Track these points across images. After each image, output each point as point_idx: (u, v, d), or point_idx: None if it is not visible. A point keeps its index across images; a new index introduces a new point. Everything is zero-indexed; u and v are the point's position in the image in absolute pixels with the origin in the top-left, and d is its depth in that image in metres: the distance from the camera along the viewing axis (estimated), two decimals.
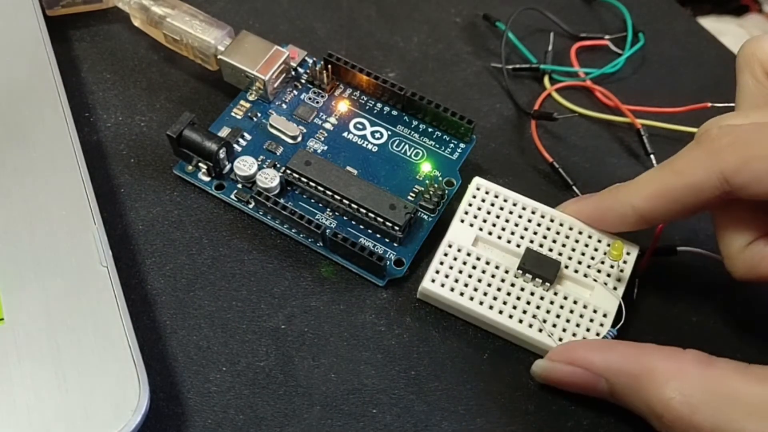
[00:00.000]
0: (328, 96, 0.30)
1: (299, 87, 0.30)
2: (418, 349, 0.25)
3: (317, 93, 0.30)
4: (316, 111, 0.29)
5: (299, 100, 0.30)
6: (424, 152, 0.28)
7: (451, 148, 0.29)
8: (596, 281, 0.25)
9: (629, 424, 0.24)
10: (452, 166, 0.28)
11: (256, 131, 0.29)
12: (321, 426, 0.23)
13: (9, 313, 0.23)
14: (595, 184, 0.29)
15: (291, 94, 0.30)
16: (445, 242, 0.25)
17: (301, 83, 0.30)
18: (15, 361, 0.22)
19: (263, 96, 0.29)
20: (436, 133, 0.29)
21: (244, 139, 0.28)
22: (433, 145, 0.29)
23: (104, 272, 0.24)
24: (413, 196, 0.27)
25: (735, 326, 0.26)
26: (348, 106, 0.30)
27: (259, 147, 0.28)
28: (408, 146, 0.29)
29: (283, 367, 0.24)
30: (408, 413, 0.23)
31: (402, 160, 0.28)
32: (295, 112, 0.29)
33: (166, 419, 0.23)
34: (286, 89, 0.30)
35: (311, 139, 0.29)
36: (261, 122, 0.29)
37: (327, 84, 0.30)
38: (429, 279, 0.25)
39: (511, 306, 0.24)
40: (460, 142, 0.29)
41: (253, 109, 0.29)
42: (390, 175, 0.28)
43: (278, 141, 0.28)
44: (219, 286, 0.26)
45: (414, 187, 0.28)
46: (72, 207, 0.25)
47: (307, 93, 0.30)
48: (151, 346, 0.24)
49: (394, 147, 0.29)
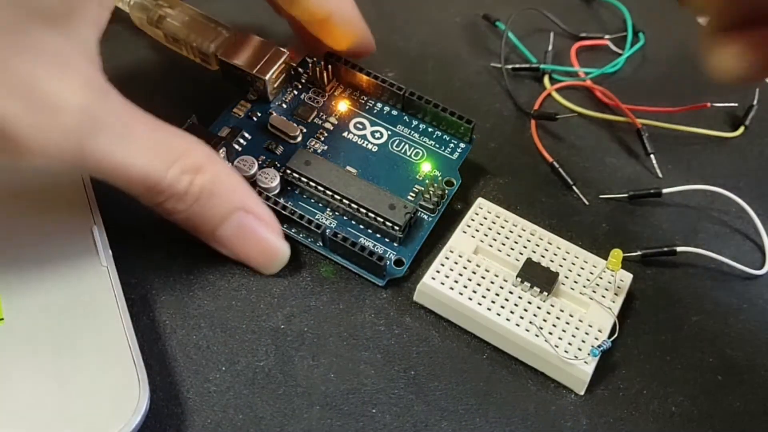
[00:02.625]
0: (327, 96, 0.30)
1: (299, 87, 0.30)
2: (417, 349, 0.25)
3: (317, 93, 0.30)
4: (316, 111, 0.29)
5: (299, 100, 0.30)
6: (424, 152, 0.28)
7: (451, 148, 0.29)
8: (592, 299, 0.25)
9: (629, 424, 0.24)
10: (452, 166, 0.28)
11: (256, 131, 0.29)
12: (320, 426, 0.23)
13: (9, 313, 0.23)
14: (595, 184, 0.29)
15: (291, 93, 0.30)
16: (447, 249, 0.26)
17: (301, 83, 0.30)
18: (15, 361, 0.22)
19: (263, 96, 0.29)
20: (436, 132, 0.29)
21: (244, 139, 0.28)
22: (433, 144, 0.29)
23: (104, 272, 0.24)
24: (413, 196, 0.27)
25: (735, 326, 0.26)
26: (348, 106, 0.30)
27: (259, 147, 0.28)
28: (408, 146, 0.29)
29: (282, 367, 0.24)
30: (407, 413, 0.24)
31: (402, 159, 0.28)
32: (295, 111, 0.29)
33: (165, 419, 0.23)
34: (286, 89, 0.30)
35: (311, 139, 0.29)
36: (261, 122, 0.29)
37: (327, 84, 0.30)
38: (429, 277, 0.25)
39: (509, 310, 0.24)
40: (460, 142, 0.29)
41: (253, 108, 0.29)
42: (390, 175, 0.28)
43: (278, 141, 0.28)
44: (218, 285, 0.26)
45: (414, 187, 0.28)
46: (72, 207, 0.25)
47: (307, 93, 0.30)
48: (150, 346, 0.24)
49: (394, 147, 0.29)
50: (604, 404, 0.24)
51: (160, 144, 0.23)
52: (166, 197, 0.23)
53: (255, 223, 0.25)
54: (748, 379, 0.25)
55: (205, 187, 0.24)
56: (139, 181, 0.23)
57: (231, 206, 0.24)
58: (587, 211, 0.29)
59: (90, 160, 0.21)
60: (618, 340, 0.24)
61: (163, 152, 0.23)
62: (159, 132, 0.23)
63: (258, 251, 0.25)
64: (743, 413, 0.24)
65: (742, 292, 0.27)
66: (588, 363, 0.23)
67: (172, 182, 0.23)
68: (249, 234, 0.25)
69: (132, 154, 0.22)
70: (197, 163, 0.23)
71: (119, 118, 0.22)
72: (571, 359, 0.23)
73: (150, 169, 0.22)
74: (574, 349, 0.24)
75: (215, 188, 0.24)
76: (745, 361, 0.25)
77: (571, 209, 0.29)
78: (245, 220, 0.25)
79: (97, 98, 0.21)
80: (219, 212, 0.24)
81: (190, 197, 0.23)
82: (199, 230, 0.25)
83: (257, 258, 0.26)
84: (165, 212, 0.24)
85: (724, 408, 0.24)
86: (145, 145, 0.22)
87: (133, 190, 0.23)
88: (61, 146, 0.21)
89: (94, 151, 0.21)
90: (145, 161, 0.22)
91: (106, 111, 0.22)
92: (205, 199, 0.24)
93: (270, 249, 0.25)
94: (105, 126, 0.21)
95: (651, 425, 0.24)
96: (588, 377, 0.24)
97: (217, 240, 0.25)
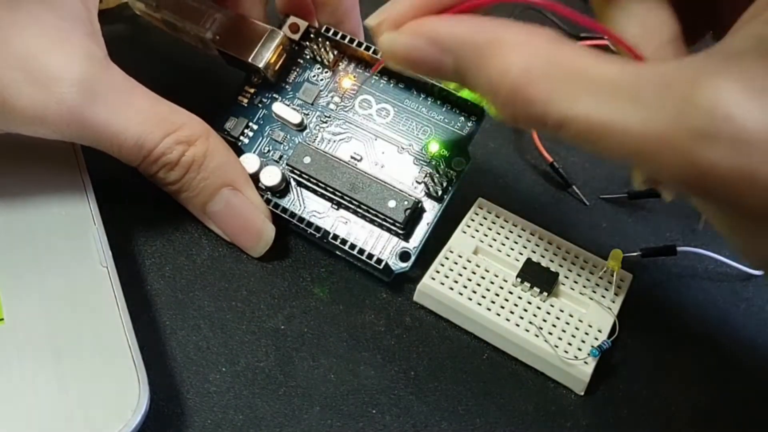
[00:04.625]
0: (332, 73, 0.29)
1: (302, 63, 0.29)
2: (417, 350, 0.25)
3: (320, 70, 0.29)
4: (321, 89, 0.29)
5: (303, 79, 0.29)
6: (432, 129, 0.28)
7: (461, 123, 0.27)
8: (592, 299, 0.25)
9: (629, 424, 0.24)
10: (462, 144, 0.27)
11: (261, 119, 0.28)
12: (320, 426, 0.23)
13: (9, 313, 0.23)
14: (595, 184, 0.29)
15: (295, 72, 0.29)
16: (446, 249, 0.26)
17: (304, 59, 0.29)
18: (15, 361, 0.22)
19: (265, 79, 0.29)
20: (445, 106, 0.28)
21: (250, 129, 0.28)
22: (442, 119, 0.28)
23: (104, 272, 0.24)
24: (421, 178, 0.27)
25: (734, 325, 0.26)
26: (352, 82, 0.29)
27: (264, 136, 0.28)
28: (416, 123, 0.28)
29: (282, 368, 0.24)
30: (407, 413, 0.24)
31: (410, 138, 0.28)
32: (299, 92, 0.29)
33: (166, 419, 0.23)
34: (290, 68, 0.29)
35: (317, 123, 0.28)
36: (265, 109, 0.29)
37: (330, 61, 0.29)
38: (429, 277, 0.25)
39: (509, 310, 0.24)
40: (469, 119, 0.28)
41: (257, 93, 0.29)
42: (397, 158, 0.27)
43: (283, 129, 0.28)
44: (219, 286, 0.26)
45: (422, 168, 0.27)
46: (72, 207, 0.25)
47: (311, 71, 0.29)
48: (150, 346, 0.24)
49: (400, 125, 0.28)
50: (604, 404, 0.24)
51: (157, 116, 0.24)
52: (159, 167, 0.24)
53: (242, 201, 0.26)
54: (748, 378, 0.25)
55: (197, 158, 0.25)
56: (133, 150, 0.24)
57: (220, 181, 0.25)
58: (587, 211, 0.29)
59: (87, 128, 0.23)
60: (618, 340, 0.24)
61: (159, 123, 0.24)
62: (158, 106, 0.24)
63: (243, 230, 0.26)
64: (743, 413, 0.24)
65: (742, 292, 0.27)
66: (588, 363, 0.24)
67: (164, 151, 0.24)
68: (236, 212, 0.26)
69: (128, 124, 0.23)
70: (192, 135, 0.24)
71: (118, 90, 0.23)
72: (571, 359, 0.23)
73: (145, 138, 0.24)
74: (574, 349, 0.24)
75: (207, 161, 0.25)
76: (745, 361, 0.25)
77: (571, 209, 0.29)
78: (233, 197, 0.25)
79: (97, 71, 0.23)
80: (209, 185, 0.25)
81: (181, 167, 0.25)
82: (191, 204, 0.26)
83: (243, 237, 0.26)
84: (159, 183, 0.25)
85: (724, 408, 0.24)
86: (143, 116, 0.24)
87: (127, 158, 0.24)
88: (59, 115, 0.22)
89: (91, 120, 0.22)
90: (141, 130, 0.23)
91: (106, 83, 0.23)
92: (195, 171, 0.25)
93: (254, 229, 0.26)
94: (103, 96, 0.23)
95: (651, 425, 0.24)
96: (588, 377, 0.24)
97: (208, 215, 0.26)
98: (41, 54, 0.22)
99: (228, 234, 0.26)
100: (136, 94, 0.24)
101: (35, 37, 0.22)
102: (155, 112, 0.24)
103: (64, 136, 0.23)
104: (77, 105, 0.22)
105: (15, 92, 0.21)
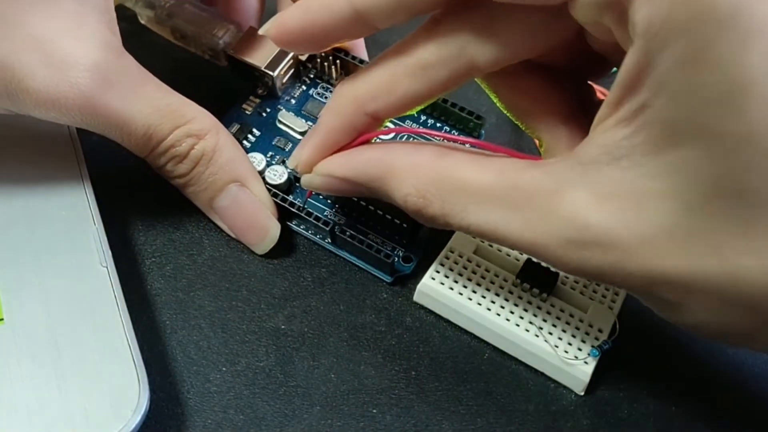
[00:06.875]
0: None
1: (308, 82, 0.30)
2: (418, 350, 0.25)
3: (325, 88, 0.30)
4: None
5: (308, 96, 0.30)
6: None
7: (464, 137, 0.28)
8: (592, 300, 0.25)
9: (629, 424, 0.24)
10: None
11: (265, 127, 0.29)
12: (321, 426, 0.23)
13: (9, 313, 0.23)
14: None
15: (300, 89, 0.30)
16: (447, 249, 0.26)
17: (309, 78, 0.30)
18: (15, 361, 0.22)
19: (272, 92, 0.29)
20: (445, 128, 0.29)
21: (253, 135, 0.28)
22: (441, 141, 0.28)
23: (104, 272, 0.24)
24: None
25: None
26: None
27: (268, 143, 0.28)
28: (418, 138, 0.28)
29: (283, 367, 0.24)
30: (408, 413, 0.24)
31: None
32: (304, 107, 0.29)
33: (166, 419, 0.23)
34: (294, 84, 0.30)
35: None
36: (270, 118, 0.29)
37: (335, 79, 0.30)
38: (429, 277, 0.25)
39: (509, 311, 0.24)
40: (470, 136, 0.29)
41: (262, 104, 0.29)
42: None
43: (287, 137, 0.28)
44: (219, 286, 0.26)
45: None
46: (72, 207, 0.25)
47: (315, 88, 0.30)
48: (151, 346, 0.24)
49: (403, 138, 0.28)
50: (604, 404, 0.24)
51: (168, 107, 0.24)
52: (168, 159, 0.25)
53: (249, 198, 0.26)
54: (748, 378, 0.25)
55: (206, 152, 0.25)
56: (142, 140, 0.24)
57: (229, 177, 0.25)
58: None
59: (98, 114, 0.23)
60: (618, 340, 0.24)
61: (170, 115, 0.24)
62: (169, 98, 0.24)
63: (249, 226, 0.26)
64: (743, 413, 0.24)
65: None
66: (588, 363, 0.24)
67: (173, 143, 0.24)
68: (242, 208, 0.26)
69: (139, 113, 0.23)
70: (202, 129, 0.25)
71: (131, 79, 0.24)
72: (571, 359, 0.23)
73: (155, 128, 0.24)
74: (574, 349, 0.24)
75: (216, 156, 0.25)
76: (745, 361, 0.25)
77: None
78: (240, 193, 0.25)
79: (112, 58, 0.23)
80: (217, 180, 0.25)
81: (189, 161, 0.25)
82: (198, 198, 0.26)
83: (249, 233, 0.26)
84: (166, 175, 0.25)
85: (724, 407, 0.24)
86: (154, 105, 0.24)
87: (135, 148, 0.24)
88: (71, 99, 0.22)
89: (102, 106, 0.23)
90: (151, 120, 0.24)
91: (119, 71, 0.23)
92: (204, 165, 0.25)
93: (261, 225, 0.26)
94: (116, 84, 0.23)
95: (651, 425, 0.24)
96: (588, 377, 0.24)
97: (214, 211, 0.26)
98: (58, 37, 0.22)
99: (234, 230, 0.26)
100: (148, 84, 0.24)
101: (53, 20, 0.22)
102: (166, 104, 0.24)
103: (75, 121, 0.23)
104: (90, 90, 0.22)
105: (30, 73, 0.22)
